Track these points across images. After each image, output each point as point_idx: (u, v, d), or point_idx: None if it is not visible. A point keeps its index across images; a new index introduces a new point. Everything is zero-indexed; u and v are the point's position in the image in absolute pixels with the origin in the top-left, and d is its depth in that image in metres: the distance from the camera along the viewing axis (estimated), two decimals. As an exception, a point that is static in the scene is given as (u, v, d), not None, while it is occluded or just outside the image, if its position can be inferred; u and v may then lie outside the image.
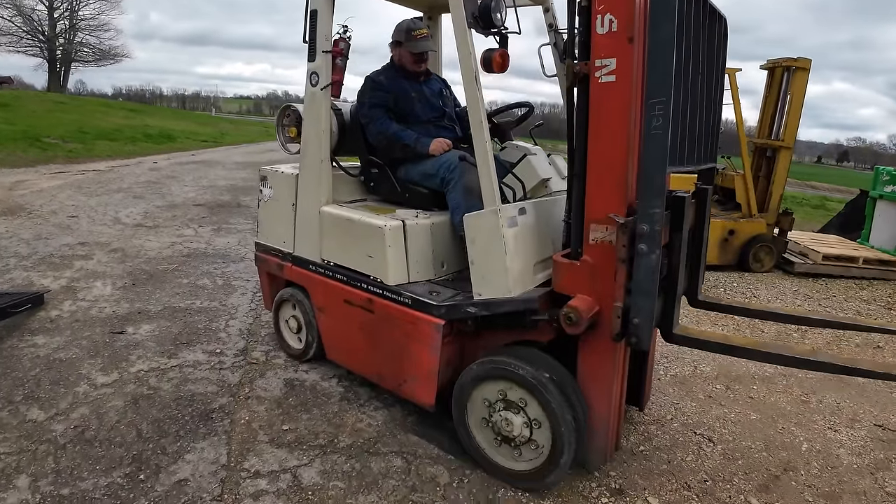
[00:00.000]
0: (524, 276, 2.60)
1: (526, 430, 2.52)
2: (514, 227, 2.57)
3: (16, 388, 3.15)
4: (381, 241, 2.89)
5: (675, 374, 3.86)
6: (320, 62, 3.16)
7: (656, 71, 2.07)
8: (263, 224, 3.77)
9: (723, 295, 5.85)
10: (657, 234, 2.13)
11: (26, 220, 7.03)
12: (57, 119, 20.56)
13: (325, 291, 3.33)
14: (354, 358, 3.30)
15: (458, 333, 2.82)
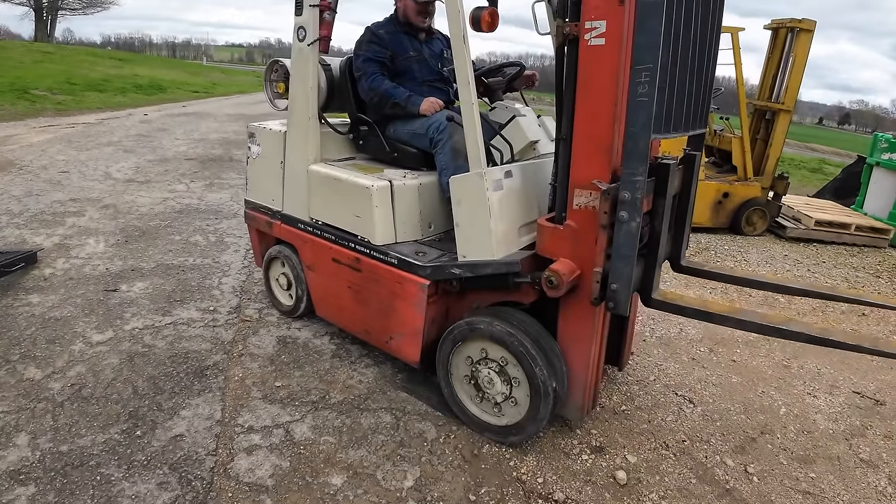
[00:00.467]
0: (508, 239, 2.62)
1: (506, 387, 2.62)
2: (500, 191, 2.58)
3: (12, 347, 3.19)
4: (368, 201, 2.91)
5: (661, 336, 3.93)
6: (307, 16, 3.09)
7: (644, 36, 2.03)
8: (252, 181, 3.77)
9: (713, 257, 5.92)
10: (638, 202, 2.15)
11: (16, 177, 6.97)
12: (45, 70, 20.14)
13: (313, 250, 3.36)
14: (343, 315, 3.36)
15: (443, 293, 2.86)
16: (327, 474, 2.40)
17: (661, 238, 2.51)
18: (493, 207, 2.52)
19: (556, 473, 2.51)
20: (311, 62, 3.14)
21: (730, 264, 5.71)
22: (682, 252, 2.85)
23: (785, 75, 6.81)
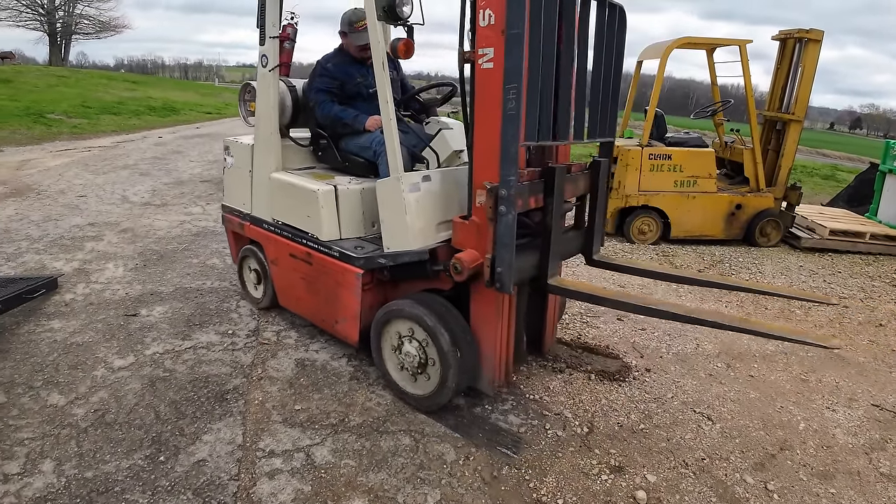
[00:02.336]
0: (425, 233, 3.04)
1: (422, 361, 3.00)
2: (416, 192, 3.02)
3: (35, 373, 3.24)
4: (315, 202, 3.36)
5: (677, 352, 3.93)
6: (269, 46, 3.57)
7: (511, 61, 2.45)
8: (227, 188, 4.29)
9: (728, 270, 5.90)
10: (513, 198, 2.55)
11: (35, 202, 7.10)
12: (60, 94, 20.49)
13: (275, 247, 3.82)
14: (299, 304, 3.81)
15: (378, 282, 3.32)
16: (349, 498, 2.42)
17: (552, 232, 2.92)
18: (409, 206, 2.97)
19: (575, 494, 2.51)
20: (272, 85, 3.65)
21: (745, 276, 5.69)
22: (595, 248, 3.32)
23: (794, 85, 6.81)
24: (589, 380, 3.45)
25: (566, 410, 3.12)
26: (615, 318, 4.40)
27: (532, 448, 2.80)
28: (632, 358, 3.79)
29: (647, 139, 6.55)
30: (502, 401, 3.17)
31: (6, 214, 6.45)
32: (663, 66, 6.44)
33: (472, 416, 3.02)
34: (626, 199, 6.52)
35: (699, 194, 6.59)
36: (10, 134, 13.16)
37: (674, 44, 6.46)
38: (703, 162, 6.59)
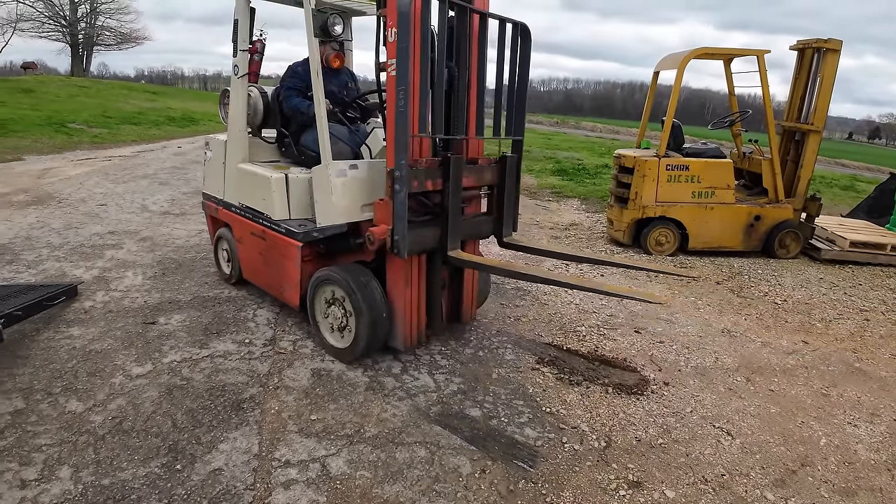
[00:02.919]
0: (349, 211, 3.63)
1: (343, 319, 3.59)
2: (343, 177, 3.59)
3: (54, 379, 3.27)
4: (269, 187, 3.95)
5: (696, 366, 3.88)
6: (240, 57, 4.22)
7: (400, 69, 3.09)
8: (206, 178, 4.94)
9: (747, 282, 5.83)
10: (405, 179, 3.16)
11: (56, 210, 7.20)
12: (81, 104, 20.85)
13: (240, 227, 4.46)
14: (257, 276, 4.47)
15: (317, 255, 3.89)
16: (364, 510, 2.41)
17: (449, 212, 3.46)
18: (335, 188, 3.55)
19: (593, 509, 2.48)
20: (242, 91, 4.29)
21: (764, 289, 5.62)
22: (505, 231, 3.93)
23: (813, 95, 6.75)
24: (606, 393, 3.42)
25: (583, 424, 3.09)
26: (633, 331, 4.37)
27: (549, 462, 2.77)
28: (650, 371, 3.75)
29: (664, 150, 6.51)
30: (518, 413, 3.15)
31: (28, 222, 6.55)
32: (680, 76, 6.41)
33: (487, 429, 3.00)
34: (642, 210, 6.48)
35: (717, 205, 6.53)
36: (32, 143, 13.39)
37: (691, 54, 6.43)
38: (722, 173, 6.54)
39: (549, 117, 47.53)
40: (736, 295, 5.41)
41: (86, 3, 38.46)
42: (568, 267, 5.84)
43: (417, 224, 3.46)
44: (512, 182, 3.83)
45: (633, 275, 5.77)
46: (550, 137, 25.59)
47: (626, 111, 77.30)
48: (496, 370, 3.64)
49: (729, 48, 6.90)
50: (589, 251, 6.54)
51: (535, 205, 9.37)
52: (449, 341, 4.00)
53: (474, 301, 4.18)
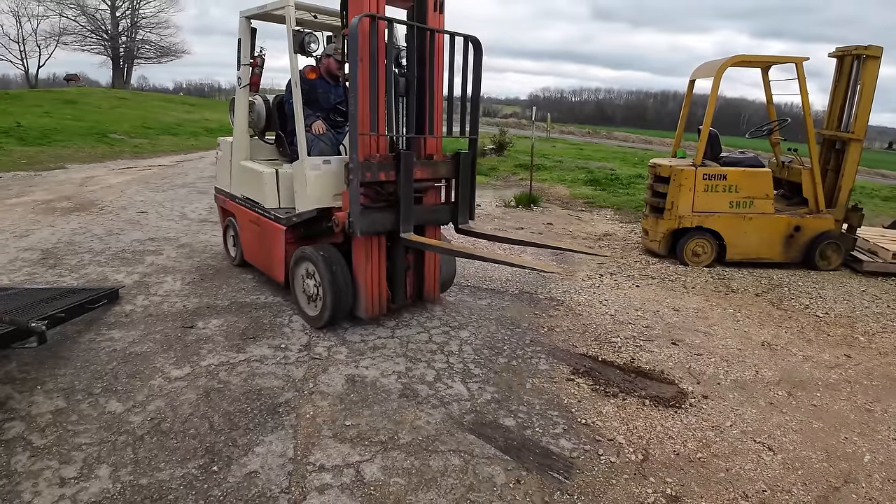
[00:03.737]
0: (321, 199, 4.23)
1: (315, 290, 4.17)
2: (317, 171, 4.21)
3: (95, 380, 3.35)
4: (262, 181, 4.69)
5: (736, 379, 3.79)
6: (243, 71, 4.98)
7: (351, 78, 3.72)
8: (218, 174, 5.81)
9: (787, 294, 5.67)
10: (357, 170, 3.73)
11: (98, 216, 7.41)
12: (121, 115, 21.45)
13: (242, 215, 5.19)
14: (254, 257, 5.15)
15: (299, 238, 4.50)
16: (398, 517, 2.40)
17: (401, 200, 3.96)
18: (309, 180, 4.18)
19: (631, 523, 2.44)
20: (244, 99, 5.03)
21: (805, 301, 5.47)
22: (460, 219, 4.38)
23: (853, 103, 6.58)
24: (643, 405, 3.37)
25: (620, 436, 3.04)
26: (670, 343, 4.29)
27: (584, 474, 2.73)
28: (688, 384, 3.68)
29: (700, 159, 6.41)
30: (553, 424, 3.12)
31: (70, 228, 6.75)
32: (717, 84, 6.32)
33: (522, 439, 2.97)
34: (679, 220, 6.38)
35: (756, 216, 6.40)
36: (75, 152, 13.81)
37: (728, 62, 6.34)
38: (760, 182, 6.41)
39: (581, 128, 47.15)
40: (776, 307, 5.28)
41: (127, 17, 39.69)
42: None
43: (374, 209, 3.99)
44: (466, 176, 4.32)
45: (670, 286, 5.69)
46: (582, 148, 25.42)
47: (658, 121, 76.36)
48: (530, 380, 3.61)
49: (766, 55, 6.77)
50: (618, 263, 6.47)
51: (567, 215, 9.30)
52: (482, 350, 3.99)
53: (436, 283, 4.68)
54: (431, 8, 4.07)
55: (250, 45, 4.95)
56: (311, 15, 4.73)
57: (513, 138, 18.52)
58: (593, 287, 5.55)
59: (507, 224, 8.26)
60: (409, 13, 4.20)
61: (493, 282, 5.56)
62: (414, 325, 4.37)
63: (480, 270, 5.89)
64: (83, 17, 37.97)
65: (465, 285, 5.40)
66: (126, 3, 39.15)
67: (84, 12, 37.82)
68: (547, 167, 14.79)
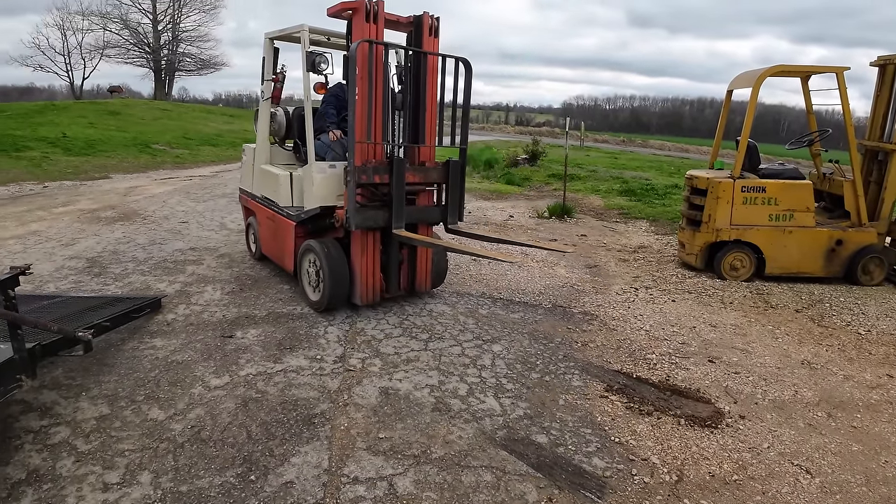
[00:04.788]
0: (325, 199, 4.78)
1: (317, 278, 4.73)
2: (322, 174, 4.80)
3: (138, 388, 3.47)
4: (277, 182, 5.35)
5: (774, 399, 3.72)
6: (266, 85, 5.66)
7: (350, 95, 4.26)
8: (242, 176, 6.50)
9: (828, 311, 5.53)
10: (353, 172, 4.31)
11: (141, 226, 7.64)
12: (163, 126, 22.06)
13: (260, 213, 5.87)
14: (270, 251, 5.74)
15: (307, 233, 5.02)
16: (431, 531, 2.42)
17: (393, 200, 4.50)
18: (315, 181, 4.77)
19: (664, 544, 2.41)
20: (267, 110, 5.72)
21: (846, 318, 5.33)
22: (450, 220, 4.93)
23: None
24: (678, 425, 3.33)
25: (654, 456, 3.01)
26: (706, 360, 4.23)
27: (617, 493, 2.71)
28: (724, 403, 3.62)
29: (739, 171, 6.32)
30: (586, 442, 3.11)
31: (115, 237, 6.98)
32: (755, 95, 6.22)
33: (554, 456, 2.97)
34: (716, 233, 6.29)
35: (796, 229, 6.27)
36: (119, 162, 14.27)
37: (766, 72, 6.24)
38: (801, 195, 6.28)
39: (615, 136, 46.73)
40: (816, 324, 5.15)
41: (168, 31, 40.77)
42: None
43: (369, 207, 4.55)
44: (456, 181, 4.86)
45: (707, 301, 5.61)
46: (616, 156, 25.21)
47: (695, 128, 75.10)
48: (563, 396, 3.60)
49: (806, 65, 6.65)
50: (654, 276, 6.41)
51: (602, 226, 9.24)
52: (515, 364, 4.00)
53: (428, 277, 5.19)
54: (427, 33, 4.63)
55: (273, 63, 5.60)
56: (325, 38, 5.36)
57: (546, 148, 18.46)
58: (628, 301, 5.50)
59: (541, 235, 8.24)
60: (408, 37, 4.80)
61: (526, 294, 5.55)
62: (447, 337, 4.40)
63: (513, 283, 5.90)
64: (126, 30, 39.14)
65: (498, 298, 5.41)
66: (168, 17, 40.25)
67: (127, 26, 38.98)
68: (581, 177, 14.71)
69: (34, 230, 7.28)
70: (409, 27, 4.73)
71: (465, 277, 6.03)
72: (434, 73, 4.69)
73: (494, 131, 49.64)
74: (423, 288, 5.19)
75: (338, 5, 4.49)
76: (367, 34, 4.30)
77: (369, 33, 4.32)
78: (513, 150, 19.64)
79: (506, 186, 13.18)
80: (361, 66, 4.25)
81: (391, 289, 4.94)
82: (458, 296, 5.42)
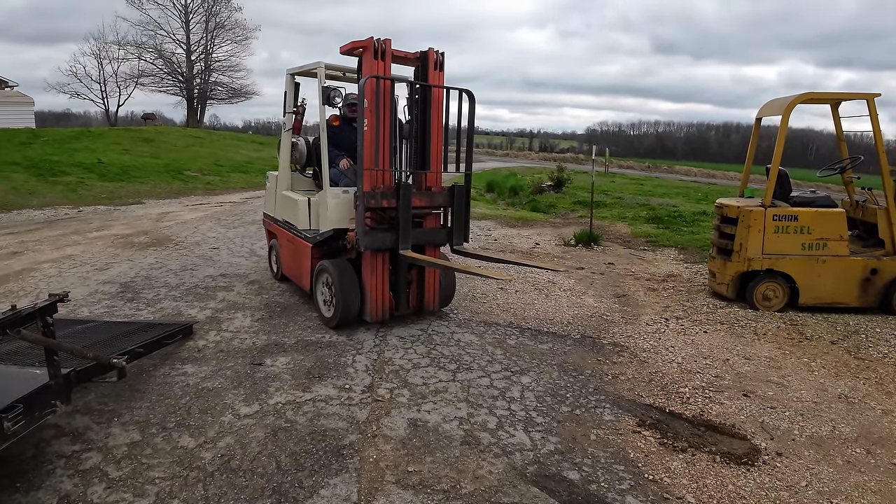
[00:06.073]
0: (339, 222, 5.08)
1: (331, 297, 5.01)
2: (337, 199, 5.10)
3: (169, 414, 3.50)
4: (297, 207, 5.65)
5: (811, 435, 3.61)
6: (288, 117, 6.11)
7: (358, 125, 4.61)
8: (265, 201, 6.92)
9: (864, 342, 5.38)
10: (362, 198, 4.60)
11: (173, 251, 7.79)
12: (195, 153, 22.58)
13: (282, 235, 6.22)
14: (290, 271, 6.08)
15: (322, 254, 5.33)
16: (462, 570, 2.38)
17: (399, 222, 4.79)
18: (329, 206, 5.08)
19: (703, 589, 2.34)
20: (288, 140, 6.11)
21: (883, 350, 5.17)
22: (455, 241, 5.22)
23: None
24: (714, 462, 3.24)
25: (689, 495, 2.93)
26: (741, 394, 4.13)
27: (653, 532, 2.65)
28: (761, 439, 3.52)
29: (770, 199, 6.23)
30: (619, 479, 3.04)
31: (148, 262, 7.12)
32: (785, 122, 6.16)
33: (586, 494, 2.91)
34: (748, 262, 6.19)
35: (830, 258, 6.14)
36: (152, 188, 14.61)
37: (796, 100, 6.18)
38: (834, 223, 6.16)
39: (641, 161, 46.55)
40: (853, 356, 5.01)
41: (201, 61, 41.99)
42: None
43: (378, 230, 4.86)
44: (461, 205, 5.13)
45: (739, 332, 5.51)
46: (642, 183, 25.05)
47: (721, 154, 74.52)
48: (594, 431, 3.54)
49: (836, 92, 6.58)
50: (684, 306, 6.32)
51: (629, 254, 9.15)
52: (545, 397, 3.95)
53: (436, 296, 5.43)
54: (432, 67, 4.98)
55: (294, 96, 6.07)
56: (340, 73, 5.73)
57: (571, 174, 18.44)
58: (658, 332, 5.42)
59: (568, 263, 8.20)
60: (415, 71, 5.11)
61: (555, 324, 5.51)
62: (475, 368, 4.37)
63: (541, 312, 5.86)
64: (161, 60, 40.44)
65: (526, 328, 5.37)
66: (201, 47, 41.50)
67: (162, 56, 40.29)
68: (606, 204, 14.63)
69: (69, 254, 7.47)
70: (416, 62, 5.06)
71: (493, 306, 6.01)
72: (439, 104, 5.04)
73: (518, 158, 49.83)
74: (431, 307, 5.43)
75: (349, 44, 4.86)
76: (375, 70, 4.68)
77: (377, 69, 4.69)
78: (537, 176, 19.67)
79: (531, 213, 13.17)
80: (370, 99, 4.63)
81: (400, 307, 5.19)
82: (486, 325, 5.39)
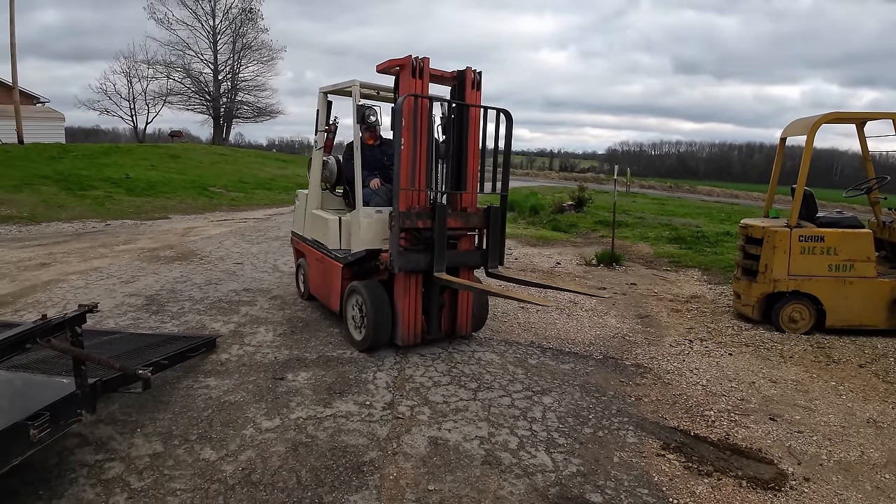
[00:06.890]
0: (371, 242, 5.03)
1: (361, 318, 4.89)
2: (369, 219, 5.06)
3: (191, 427, 3.52)
4: (327, 226, 5.56)
5: (839, 460, 3.52)
6: (319, 136, 6.03)
7: (395, 145, 4.61)
8: (294, 219, 6.85)
9: (893, 366, 5.26)
10: (398, 217, 4.54)
11: (198, 266, 7.90)
12: (220, 169, 22.94)
13: (310, 255, 6.13)
14: (318, 291, 5.96)
15: (353, 275, 5.22)
16: (483, 591, 2.36)
17: (435, 243, 4.69)
18: (362, 226, 5.03)
19: None
20: (319, 159, 6.02)
21: (916, 376, 5.04)
22: (490, 264, 5.08)
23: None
24: (740, 487, 3.17)
25: (715, 519, 2.88)
26: (767, 418, 4.05)
27: (677, 558, 2.59)
28: (788, 464, 3.44)
29: (795, 219, 6.15)
30: (643, 503, 2.99)
31: (173, 276, 7.22)
32: (811, 142, 6.10)
33: (610, 515, 2.87)
34: (773, 284, 6.10)
35: (857, 279, 6.03)
36: (178, 203, 14.87)
37: (821, 119, 6.13)
38: (861, 244, 6.06)
39: (662, 181, 46.17)
40: (881, 380, 4.89)
41: (228, 80, 42.84)
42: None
43: (412, 251, 4.74)
44: (496, 227, 5.01)
45: (765, 354, 5.41)
46: (664, 203, 24.87)
47: (744, 173, 73.76)
48: (618, 453, 3.48)
49: (861, 112, 6.50)
50: (709, 328, 6.23)
51: (652, 275, 9.06)
52: (567, 418, 3.91)
53: (469, 320, 5.29)
54: (469, 86, 4.91)
55: (326, 115, 6.03)
56: (374, 91, 5.72)
57: (591, 193, 18.39)
58: (682, 354, 5.35)
59: (589, 283, 8.14)
60: (452, 90, 5.09)
61: (576, 345, 5.47)
62: (496, 387, 4.35)
63: (563, 332, 5.82)
64: (188, 79, 41.36)
65: (547, 347, 5.34)
66: (228, 67, 42.37)
67: (189, 75, 41.22)
68: (628, 223, 14.55)
69: (96, 266, 7.61)
70: (453, 81, 5.03)
71: (514, 325, 5.98)
72: (476, 124, 4.98)
73: (539, 177, 49.79)
74: (463, 331, 5.28)
75: (386, 62, 4.82)
76: (412, 89, 4.62)
77: (415, 88, 4.63)
78: (558, 195, 19.63)
79: (552, 233, 13.13)
80: (407, 118, 4.57)
81: (432, 330, 5.06)
82: (507, 344, 5.37)
